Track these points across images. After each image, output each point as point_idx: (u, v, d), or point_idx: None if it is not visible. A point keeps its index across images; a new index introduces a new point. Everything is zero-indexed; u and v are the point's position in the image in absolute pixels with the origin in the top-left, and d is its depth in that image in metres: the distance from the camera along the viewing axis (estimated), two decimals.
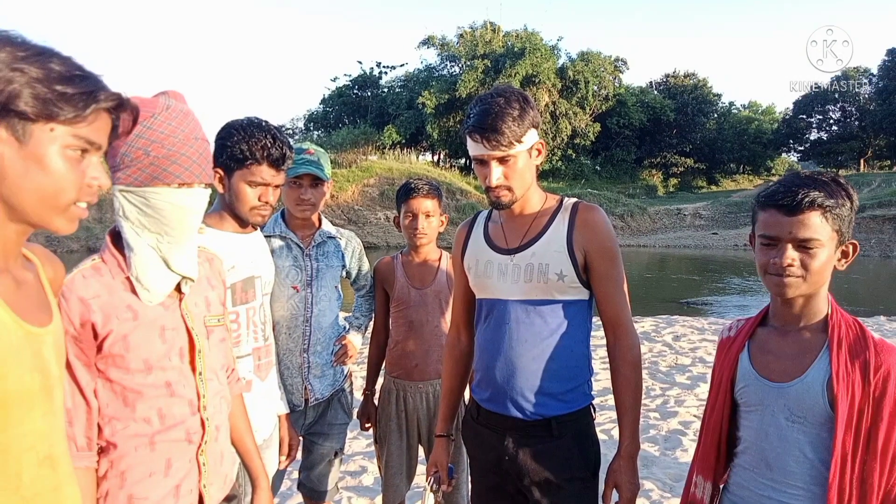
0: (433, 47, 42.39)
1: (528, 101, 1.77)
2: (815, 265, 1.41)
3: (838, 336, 1.43)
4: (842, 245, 1.44)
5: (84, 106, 0.93)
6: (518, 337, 1.79)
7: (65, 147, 0.94)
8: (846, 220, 1.42)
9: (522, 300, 1.80)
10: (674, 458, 4.19)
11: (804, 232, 1.39)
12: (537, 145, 1.81)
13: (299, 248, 2.33)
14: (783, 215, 1.42)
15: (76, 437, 1.30)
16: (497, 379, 1.81)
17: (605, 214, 1.86)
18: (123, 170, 1.32)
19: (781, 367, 1.48)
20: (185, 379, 1.43)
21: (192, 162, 1.36)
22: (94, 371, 1.34)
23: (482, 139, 1.72)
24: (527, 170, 1.78)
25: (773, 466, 1.47)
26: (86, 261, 1.37)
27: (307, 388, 2.33)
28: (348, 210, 28.18)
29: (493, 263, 1.86)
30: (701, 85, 49.90)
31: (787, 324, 1.52)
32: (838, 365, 1.39)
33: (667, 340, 8.06)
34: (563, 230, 1.80)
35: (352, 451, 4.17)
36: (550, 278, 1.77)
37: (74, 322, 1.30)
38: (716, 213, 32.65)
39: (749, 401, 1.54)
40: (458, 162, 42.02)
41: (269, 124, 1.93)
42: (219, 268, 1.63)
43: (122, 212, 1.35)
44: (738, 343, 1.59)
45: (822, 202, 1.39)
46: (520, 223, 1.86)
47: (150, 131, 1.31)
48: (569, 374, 1.80)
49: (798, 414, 1.43)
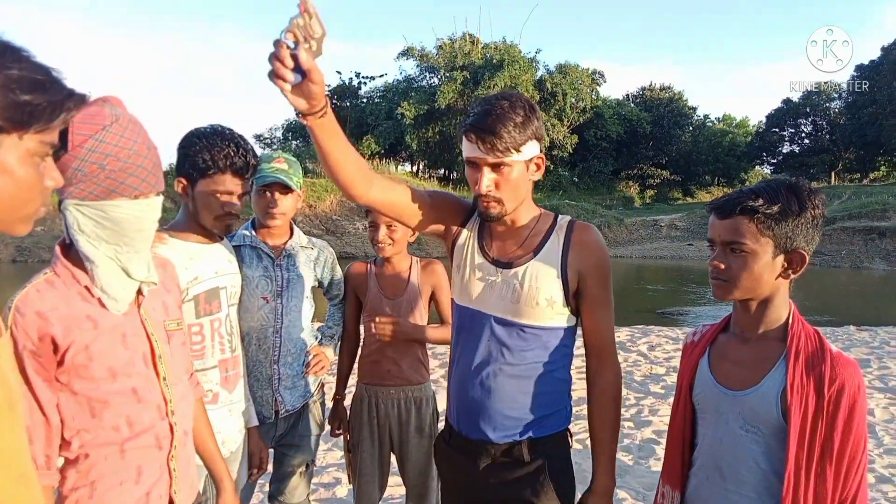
0: (412, 58, 42.54)
1: (534, 110, 1.64)
2: (743, 270, 1.41)
3: (796, 347, 1.41)
4: (783, 253, 1.41)
5: (54, 115, 0.90)
6: (496, 356, 1.69)
7: (32, 155, 0.90)
8: (789, 227, 1.39)
9: (505, 318, 1.70)
10: (647, 468, 4.22)
11: (729, 235, 1.42)
12: (536, 159, 1.68)
13: (270, 257, 2.31)
14: (716, 218, 1.47)
15: (36, 456, 1.27)
16: (470, 397, 1.73)
17: (601, 235, 1.78)
18: (76, 184, 1.29)
19: (739, 374, 1.47)
20: (150, 384, 1.41)
21: (148, 172, 1.35)
22: (55, 386, 1.32)
23: (477, 140, 1.59)
24: (521, 183, 1.66)
25: (727, 475, 1.46)
26: (37, 275, 1.35)
27: (277, 400, 2.30)
28: (326, 220, 28.04)
29: (482, 271, 1.75)
30: (676, 98, 50.69)
31: (745, 330, 1.50)
32: (793, 376, 1.37)
33: (642, 350, 8.13)
34: (557, 252, 1.70)
35: (325, 463, 4.13)
36: (539, 304, 1.67)
37: (32, 337, 1.27)
38: (691, 225, 33.03)
39: (705, 407, 1.53)
40: (436, 172, 42.11)
41: (232, 132, 1.91)
42: (172, 272, 1.62)
43: (76, 226, 1.32)
44: (700, 348, 1.59)
45: (753, 207, 1.38)
46: (512, 237, 1.75)
47: (103, 145, 1.28)
48: (546, 401, 1.71)
49: (752, 423, 1.42)
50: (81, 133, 1.26)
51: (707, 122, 54.81)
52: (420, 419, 2.56)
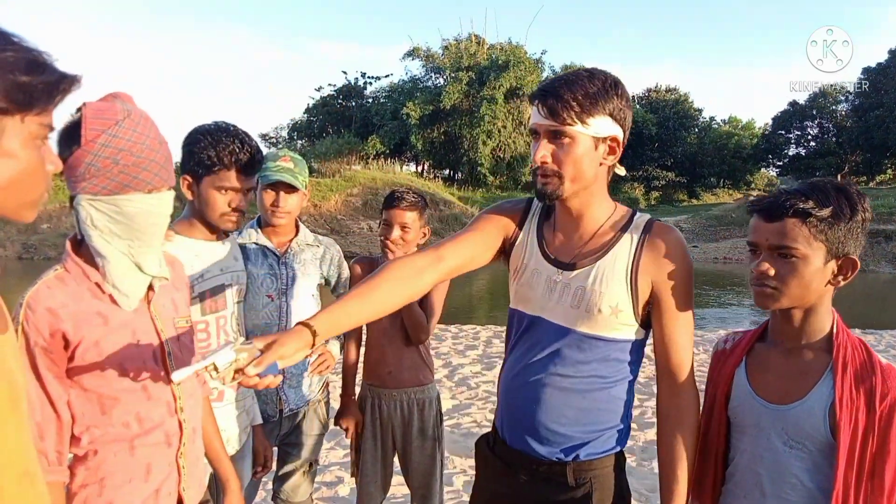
0: (418, 59, 42.51)
1: (616, 87, 1.46)
2: (793, 276, 1.31)
3: (843, 358, 1.31)
4: (834, 259, 1.32)
5: (52, 96, 0.89)
6: (547, 365, 1.53)
7: (34, 138, 0.90)
8: (841, 232, 1.29)
9: (563, 325, 1.52)
10: (650, 469, 4.20)
11: (779, 239, 1.31)
12: (610, 141, 1.48)
13: (275, 255, 2.31)
14: (762, 221, 1.35)
15: (47, 452, 1.28)
16: (515, 405, 1.59)
17: (683, 239, 1.54)
18: (90, 179, 1.29)
19: (781, 387, 1.38)
20: (159, 381, 1.42)
21: (160, 167, 1.35)
22: (66, 382, 1.32)
23: (539, 103, 1.43)
24: (586, 161, 1.45)
25: (768, 493, 1.37)
26: (48, 272, 1.36)
27: (281, 399, 2.31)
28: (331, 219, 28.06)
29: (541, 274, 1.57)
30: (682, 100, 50.55)
31: (787, 340, 1.41)
32: (842, 390, 1.28)
33: (646, 352, 8.09)
34: (627, 254, 1.50)
35: (328, 462, 4.13)
36: (602, 311, 1.48)
37: (44, 333, 1.28)
38: (696, 227, 32.93)
39: (743, 421, 1.43)
40: (441, 173, 42.07)
41: (237, 128, 1.91)
42: (181, 271, 1.62)
43: (89, 221, 1.32)
44: (735, 358, 1.47)
45: (805, 209, 1.28)
46: (577, 233, 1.56)
47: (116, 140, 1.28)
48: (599, 419, 1.54)
49: (796, 439, 1.33)
50: (94, 128, 1.27)
51: (713, 123, 54.63)
52: (423, 421, 2.56)
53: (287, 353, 1.30)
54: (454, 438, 4.61)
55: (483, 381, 6.52)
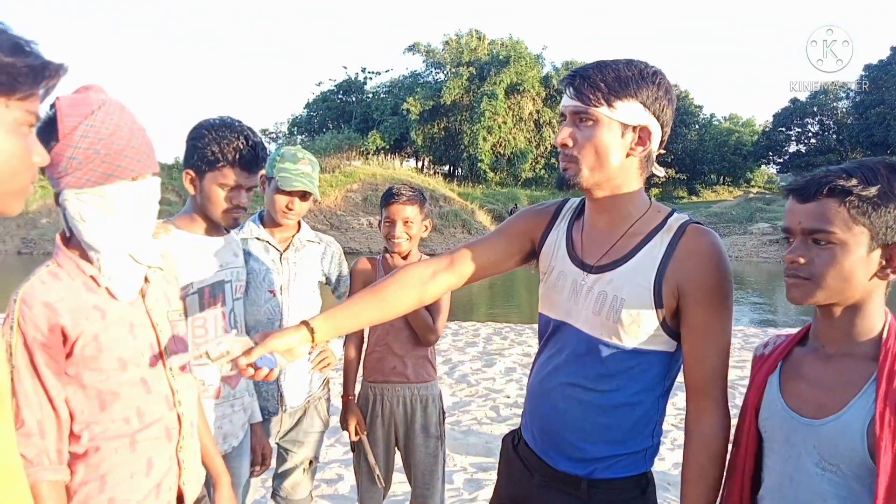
0: (418, 54, 42.48)
1: (656, 76, 1.36)
2: (829, 265, 1.13)
3: (890, 368, 1.10)
4: (881, 247, 1.12)
5: (37, 80, 0.87)
6: (570, 375, 1.44)
7: (19, 124, 0.87)
8: (890, 215, 1.10)
9: (587, 332, 1.42)
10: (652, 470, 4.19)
11: (813, 222, 1.13)
12: (640, 128, 1.36)
13: (277, 251, 2.30)
14: (796, 202, 1.18)
15: (48, 451, 1.26)
16: (537, 412, 1.52)
17: (722, 244, 1.40)
18: (73, 173, 1.28)
19: (816, 398, 1.18)
20: (158, 375, 1.41)
21: (141, 153, 1.34)
22: (64, 379, 1.30)
23: (569, 86, 1.36)
24: (609, 148, 1.35)
25: None
26: (40, 268, 1.34)
27: (282, 396, 2.29)
28: (331, 215, 28.07)
29: (567, 276, 1.48)
30: (683, 96, 50.51)
31: (826, 344, 1.22)
32: (884, 404, 1.08)
33: None
34: (656, 258, 1.37)
35: (328, 459, 4.12)
36: (622, 319, 1.37)
37: (42, 328, 1.26)
38: None
39: (773, 436, 1.25)
40: (441, 169, 42.08)
41: (241, 124, 1.89)
42: (170, 264, 1.61)
43: (78, 216, 1.31)
44: (770, 363, 1.30)
45: (845, 188, 1.10)
46: (605, 234, 1.45)
47: (94, 129, 1.27)
48: (621, 437, 1.43)
49: (829, 460, 1.14)
50: (70, 121, 1.26)
51: (713, 120, 54.64)
52: (426, 418, 2.55)
53: (278, 346, 1.33)
54: (454, 436, 4.60)
55: (483, 378, 6.51)
